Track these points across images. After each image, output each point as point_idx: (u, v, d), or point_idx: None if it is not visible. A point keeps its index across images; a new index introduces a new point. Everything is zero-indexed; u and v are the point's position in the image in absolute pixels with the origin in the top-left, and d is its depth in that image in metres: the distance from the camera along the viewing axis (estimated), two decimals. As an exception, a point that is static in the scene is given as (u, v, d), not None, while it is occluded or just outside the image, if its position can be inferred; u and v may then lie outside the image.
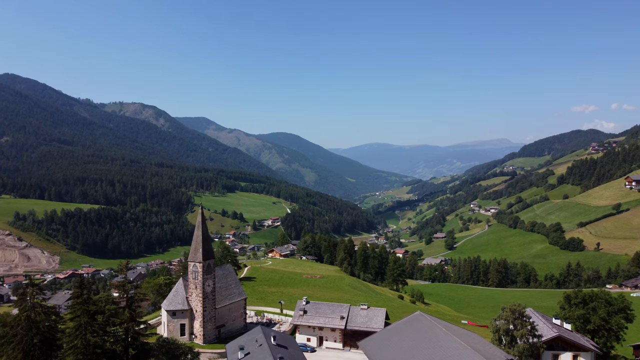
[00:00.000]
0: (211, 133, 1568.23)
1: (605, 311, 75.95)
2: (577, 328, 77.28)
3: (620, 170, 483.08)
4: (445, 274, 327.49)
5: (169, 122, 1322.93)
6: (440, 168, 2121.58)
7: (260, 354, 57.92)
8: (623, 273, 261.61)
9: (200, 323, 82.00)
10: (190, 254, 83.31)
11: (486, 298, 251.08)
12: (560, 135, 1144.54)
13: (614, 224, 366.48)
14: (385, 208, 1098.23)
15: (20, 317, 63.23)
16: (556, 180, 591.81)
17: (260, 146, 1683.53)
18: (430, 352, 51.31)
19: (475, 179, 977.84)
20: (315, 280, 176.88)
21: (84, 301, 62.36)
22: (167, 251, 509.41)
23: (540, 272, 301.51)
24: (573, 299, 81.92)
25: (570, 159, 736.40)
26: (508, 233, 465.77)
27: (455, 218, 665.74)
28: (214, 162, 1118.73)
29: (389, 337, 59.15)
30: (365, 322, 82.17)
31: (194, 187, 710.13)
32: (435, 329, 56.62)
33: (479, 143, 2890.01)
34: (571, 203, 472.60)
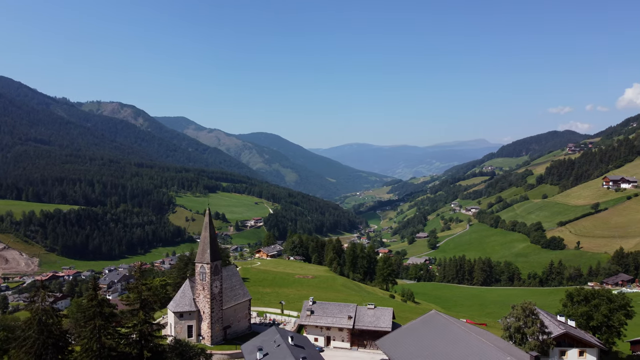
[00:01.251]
0: (191, 133, 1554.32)
1: (607, 308, 78.23)
2: (580, 325, 79.30)
3: (597, 171, 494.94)
4: (430, 273, 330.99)
5: (148, 122, 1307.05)
6: (419, 168, 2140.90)
7: (279, 355, 58.15)
8: (604, 271, 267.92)
9: (208, 324, 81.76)
10: (197, 256, 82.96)
11: (472, 297, 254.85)
12: (537, 136, 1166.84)
13: (593, 223, 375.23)
14: (366, 208, 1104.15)
15: (32, 321, 62.19)
16: (535, 180, 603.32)
17: (241, 146, 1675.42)
18: (451, 349, 52.27)
19: (455, 179, 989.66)
20: (308, 280, 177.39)
21: (98, 303, 61.73)
22: (149, 252, 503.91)
23: (523, 271, 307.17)
24: (575, 297, 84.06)
25: (548, 159, 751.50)
26: (489, 232, 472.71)
27: (437, 218, 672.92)
28: (194, 162, 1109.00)
29: (407, 336, 59.96)
30: (373, 321, 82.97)
31: (174, 187, 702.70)
32: (453, 327, 57.68)
33: (457, 143, 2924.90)
34: (551, 203, 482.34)
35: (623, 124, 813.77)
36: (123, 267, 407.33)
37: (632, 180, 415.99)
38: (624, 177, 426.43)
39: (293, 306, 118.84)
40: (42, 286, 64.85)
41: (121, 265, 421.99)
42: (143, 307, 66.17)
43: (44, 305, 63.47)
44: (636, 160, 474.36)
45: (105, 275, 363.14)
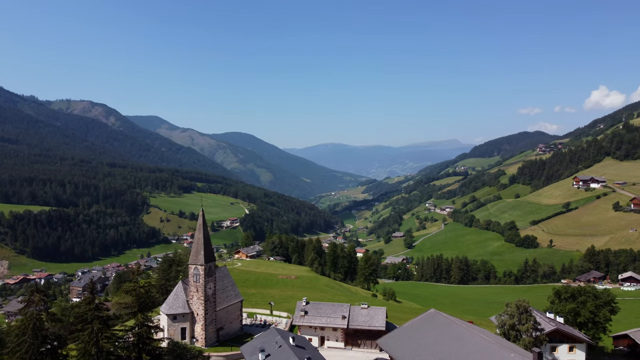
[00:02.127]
0: (164, 132, 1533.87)
1: (593, 304, 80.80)
2: (567, 321, 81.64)
3: (567, 171, 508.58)
4: (408, 272, 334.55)
5: (120, 121, 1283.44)
6: (393, 168, 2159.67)
7: (282, 356, 58.24)
8: (576, 268, 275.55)
9: (202, 326, 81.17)
10: (191, 257, 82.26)
11: (451, 295, 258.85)
12: (508, 136, 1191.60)
13: (565, 221, 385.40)
14: (341, 208, 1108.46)
15: (27, 325, 60.72)
16: (508, 180, 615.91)
17: (215, 146, 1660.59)
18: (455, 347, 53.26)
19: (429, 178, 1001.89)
20: (291, 280, 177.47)
21: (96, 307, 60.73)
22: (123, 254, 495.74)
23: (498, 269, 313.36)
24: (563, 294, 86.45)
25: (519, 159, 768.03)
26: (464, 231, 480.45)
27: (412, 217, 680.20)
28: (168, 162, 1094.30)
29: (409, 334, 60.82)
30: (367, 320, 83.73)
31: (148, 187, 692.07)
32: (454, 325, 58.78)
33: (430, 144, 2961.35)
34: (523, 202, 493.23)
35: (590, 125, 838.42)
36: (97, 269, 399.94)
37: (601, 180, 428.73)
38: (593, 177, 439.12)
39: (280, 307, 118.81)
40: (37, 290, 63.33)
41: (95, 267, 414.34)
42: (141, 310, 65.39)
43: (39, 309, 62.09)
44: (604, 161, 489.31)
45: (79, 277, 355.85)
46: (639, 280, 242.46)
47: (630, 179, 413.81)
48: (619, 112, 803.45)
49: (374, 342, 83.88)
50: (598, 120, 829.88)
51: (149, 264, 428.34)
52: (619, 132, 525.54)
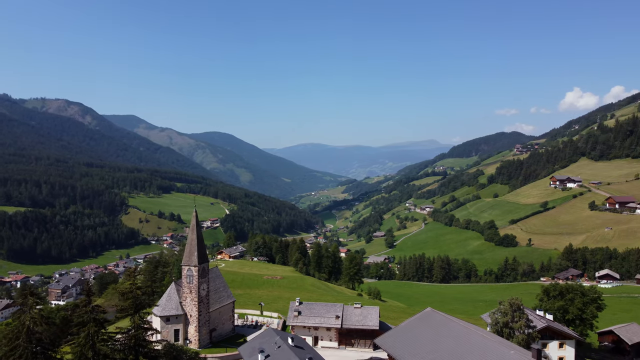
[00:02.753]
0: (142, 132, 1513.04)
1: (580, 302, 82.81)
2: (556, 318, 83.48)
3: (544, 171, 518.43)
4: (390, 272, 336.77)
5: (97, 120, 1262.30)
6: (373, 168, 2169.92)
7: (283, 356, 58.35)
8: (555, 266, 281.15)
9: (196, 328, 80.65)
10: (184, 258, 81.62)
11: (433, 294, 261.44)
12: (486, 137, 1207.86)
13: (542, 221, 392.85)
14: (322, 208, 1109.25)
15: (21, 329, 59.60)
16: (486, 179, 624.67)
17: (194, 146, 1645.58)
18: (454, 346, 54.08)
19: (408, 178, 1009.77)
20: (277, 281, 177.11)
21: (92, 309, 60.00)
22: (102, 255, 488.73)
23: (479, 268, 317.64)
24: (552, 292, 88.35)
25: (497, 159, 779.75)
26: (445, 231, 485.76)
27: (392, 217, 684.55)
28: (146, 161, 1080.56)
29: (407, 333, 61.49)
30: (360, 320, 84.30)
31: (127, 187, 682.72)
32: (452, 323, 59.68)
33: (409, 144, 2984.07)
34: (502, 201, 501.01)
35: (566, 126, 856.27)
36: (75, 270, 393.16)
37: (577, 179, 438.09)
38: (569, 177, 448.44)
39: (269, 307, 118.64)
40: (30, 293, 62.28)
41: (73, 268, 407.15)
42: (137, 312, 64.82)
43: (33, 312, 61.01)
44: (580, 161, 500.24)
45: (56, 279, 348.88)
46: (615, 277, 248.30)
47: (604, 179, 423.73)
48: (593, 113, 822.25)
49: (367, 341, 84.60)
50: (573, 121, 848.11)
51: (128, 265, 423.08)
52: (594, 133, 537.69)
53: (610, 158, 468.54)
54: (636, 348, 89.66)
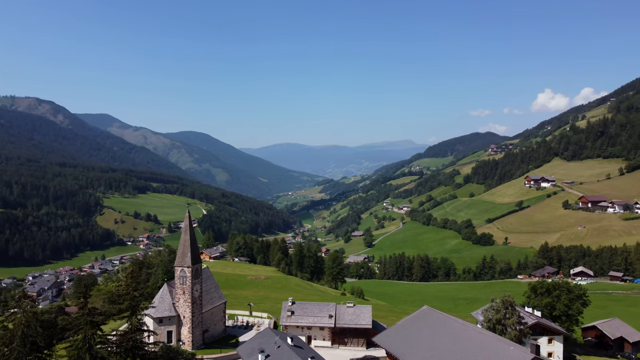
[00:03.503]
0: (115, 131, 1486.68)
1: (567, 298, 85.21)
2: (544, 315, 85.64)
3: (519, 170, 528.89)
4: (370, 271, 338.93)
5: (69, 119, 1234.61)
6: (349, 168, 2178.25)
7: (283, 356, 58.58)
8: (531, 264, 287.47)
9: (189, 329, 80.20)
10: (177, 259, 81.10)
11: (414, 292, 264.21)
12: (461, 137, 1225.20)
13: (518, 219, 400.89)
14: (299, 208, 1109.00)
15: (15, 333, 58.37)
16: (462, 179, 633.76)
17: (169, 145, 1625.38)
18: (454, 343, 55.11)
19: (385, 178, 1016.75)
20: (261, 281, 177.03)
21: (89, 312, 59.14)
22: (76, 256, 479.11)
23: (457, 266, 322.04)
24: (539, 289, 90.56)
25: (472, 159, 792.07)
26: (422, 230, 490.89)
27: (370, 216, 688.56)
28: (120, 161, 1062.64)
29: (405, 331, 62.36)
30: (353, 319, 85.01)
31: (101, 188, 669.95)
32: (450, 321, 60.81)
33: (385, 144, 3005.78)
34: (478, 201, 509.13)
35: (538, 126, 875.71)
36: (49, 272, 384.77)
37: (551, 179, 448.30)
38: (543, 176, 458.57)
39: (257, 307, 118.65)
40: (24, 295, 61.04)
41: (46, 271, 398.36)
42: (134, 313, 64.13)
43: (28, 315, 59.82)
44: (553, 161, 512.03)
45: (29, 282, 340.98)
46: (589, 274, 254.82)
47: (577, 179, 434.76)
48: (565, 114, 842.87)
49: (360, 340, 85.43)
50: (545, 122, 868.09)
51: (104, 267, 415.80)
52: (567, 134, 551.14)
53: (582, 158, 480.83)
54: (618, 342, 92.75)
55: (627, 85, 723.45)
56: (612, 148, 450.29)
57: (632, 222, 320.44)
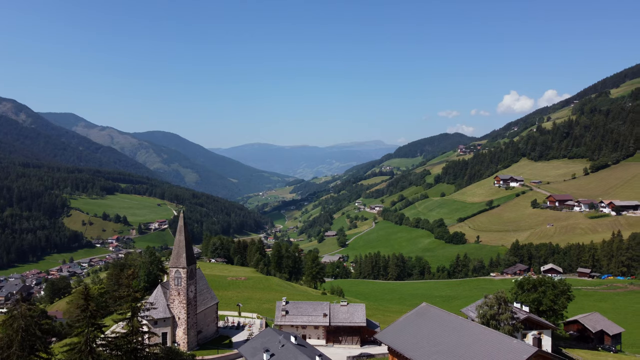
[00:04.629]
0: (81, 130, 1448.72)
1: (552, 293, 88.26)
2: (531, 310, 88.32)
3: (488, 170, 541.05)
4: (346, 270, 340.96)
5: (32, 118, 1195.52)
6: (320, 168, 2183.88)
7: (288, 355, 58.94)
8: (503, 262, 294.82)
9: (184, 330, 79.53)
10: (172, 260, 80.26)
11: (390, 291, 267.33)
12: (430, 137, 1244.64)
13: (489, 218, 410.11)
14: (270, 208, 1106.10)
15: (13, 338, 56.97)
16: (433, 179, 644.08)
17: (137, 145, 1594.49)
18: (457, 338, 56.45)
19: (356, 178, 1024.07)
20: (242, 282, 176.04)
21: (91, 314, 58.19)
22: (42, 259, 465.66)
23: (431, 265, 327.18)
24: (526, 285, 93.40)
25: (442, 159, 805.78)
26: (395, 229, 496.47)
27: (343, 216, 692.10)
28: (86, 161, 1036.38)
29: (406, 328, 63.50)
30: (347, 317, 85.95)
31: (68, 189, 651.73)
32: (450, 317, 62.23)
33: (355, 144, 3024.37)
34: (449, 200, 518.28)
35: (505, 127, 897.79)
36: (15, 276, 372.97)
37: (519, 179, 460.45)
38: (512, 176, 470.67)
39: (244, 308, 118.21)
40: (22, 299, 59.64)
41: (12, 274, 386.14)
42: (135, 315, 63.34)
43: (27, 320, 58.47)
44: (521, 161, 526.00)
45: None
46: (558, 271, 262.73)
47: (544, 178, 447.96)
48: (530, 115, 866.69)
49: (355, 338, 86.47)
50: (512, 123, 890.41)
51: (72, 270, 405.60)
52: (533, 135, 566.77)
53: (549, 158, 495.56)
54: (599, 335, 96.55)
55: (589, 88, 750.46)
56: (577, 149, 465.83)
57: (597, 220, 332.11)
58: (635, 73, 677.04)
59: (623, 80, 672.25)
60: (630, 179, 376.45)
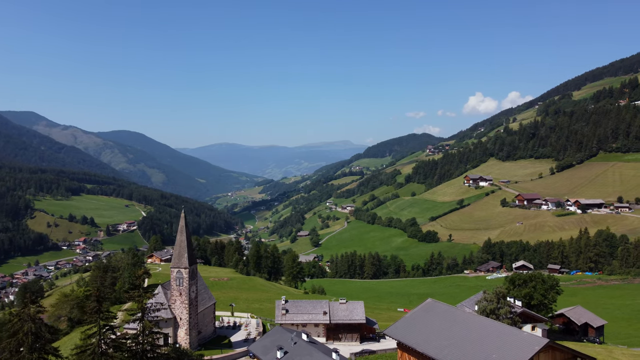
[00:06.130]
0: (42, 130, 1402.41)
1: (542, 288, 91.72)
2: (524, 304, 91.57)
3: (457, 170, 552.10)
4: (322, 270, 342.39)
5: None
6: (289, 168, 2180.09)
7: (303, 351, 59.61)
8: (476, 259, 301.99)
9: (186, 331, 79.08)
10: (173, 260, 79.68)
11: (367, 290, 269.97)
12: (398, 138, 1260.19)
13: (460, 217, 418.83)
14: (240, 208, 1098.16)
15: (24, 340, 55.71)
16: (404, 179, 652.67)
17: (101, 145, 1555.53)
18: (467, 332, 58.14)
19: (327, 178, 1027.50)
20: (225, 282, 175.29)
21: (104, 316, 57.48)
22: (6, 263, 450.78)
23: (406, 263, 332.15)
24: (517, 281, 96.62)
25: (411, 159, 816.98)
26: (368, 229, 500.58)
27: (314, 216, 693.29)
28: (49, 162, 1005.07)
29: (415, 322, 64.92)
30: (347, 315, 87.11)
31: (31, 190, 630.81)
32: (456, 311, 64.07)
33: (324, 144, 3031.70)
34: (420, 200, 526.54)
35: (472, 128, 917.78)
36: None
37: (488, 178, 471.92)
38: (481, 176, 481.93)
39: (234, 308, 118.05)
40: (31, 300, 58.28)
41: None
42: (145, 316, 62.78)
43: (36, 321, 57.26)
44: (489, 161, 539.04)
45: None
46: (530, 268, 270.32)
47: (512, 178, 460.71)
48: (496, 116, 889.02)
49: (354, 335, 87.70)
50: (478, 123, 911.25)
51: (38, 273, 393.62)
52: (501, 135, 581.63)
53: (516, 158, 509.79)
54: (583, 328, 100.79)
55: (552, 90, 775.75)
56: (543, 149, 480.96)
57: (564, 218, 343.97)
58: (596, 76, 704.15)
59: (584, 83, 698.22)
60: (594, 178, 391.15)
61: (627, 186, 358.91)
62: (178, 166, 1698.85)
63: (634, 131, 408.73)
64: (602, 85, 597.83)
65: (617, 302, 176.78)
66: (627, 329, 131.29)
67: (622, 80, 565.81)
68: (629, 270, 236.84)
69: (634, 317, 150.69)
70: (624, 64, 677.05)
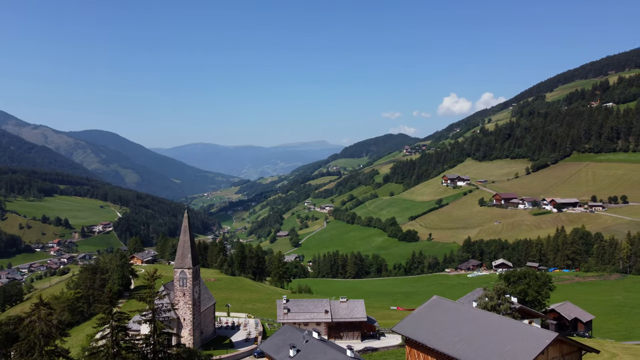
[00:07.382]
0: (11, 129, 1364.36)
1: (536, 284, 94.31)
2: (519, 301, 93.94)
3: (435, 170, 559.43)
4: (304, 270, 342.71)
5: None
6: (265, 168, 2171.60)
7: (315, 349, 60.21)
8: (457, 258, 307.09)
9: (190, 331, 78.75)
10: (176, 261, 79.28)
11: (350, 289, 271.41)
12: (375, 138, 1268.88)
13: (439, 216, 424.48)
14: (217, 209, 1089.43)
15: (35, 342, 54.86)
16: (382, 179, 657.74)
17: (73, 145, 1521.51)
18: (475, 326, 59.68)
19: (304, 178, 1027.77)
20: (213, 283, 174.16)
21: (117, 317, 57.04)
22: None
23: (388, 262, 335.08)
24: (512, 278, 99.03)
25: (388, 160, 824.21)
26: (347, 228, 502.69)
27: (293, 216, 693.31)
28: (19, 162, 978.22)
29: (424, 320, 66.17)
30: (348, 313, 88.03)
31: (2, 191, 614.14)
32: (463, 308, 65.61)
33: (300, 144, 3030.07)
34: (399, 199, 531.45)
35: (447, 128, 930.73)
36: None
37: (466, 178, 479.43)
38: (459, 176, 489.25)
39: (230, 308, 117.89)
40: (42, 303, 57.37)
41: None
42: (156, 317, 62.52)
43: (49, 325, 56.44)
44: (466, 161, 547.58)
45: None
46: (509, 265, 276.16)
47: (489, 178, 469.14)
48: (471, 117, 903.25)
49: (355, 333, 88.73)
50: (454, 124, 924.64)
51: (12, 276, 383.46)
52: (477, 136, 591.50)
53: (492, 159, 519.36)
54: (573, 323, 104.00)
55: (526, 91, 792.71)
56: (519, 149, 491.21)
57: (540, 216, 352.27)
58: (567, 78, 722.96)
59: (556, 85, 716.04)
60: (568, 178, 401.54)
61: (600, 185, 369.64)
62: (152, 166, 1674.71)
63: (606, 132, 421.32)
64: (573, 87, 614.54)
65: (595, 298, 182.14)
66: (608, 324, 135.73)
67: (593, 82, 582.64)
68: (605, 267, 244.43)
69: (613, 312, 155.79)
70: (594, 67, 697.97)
